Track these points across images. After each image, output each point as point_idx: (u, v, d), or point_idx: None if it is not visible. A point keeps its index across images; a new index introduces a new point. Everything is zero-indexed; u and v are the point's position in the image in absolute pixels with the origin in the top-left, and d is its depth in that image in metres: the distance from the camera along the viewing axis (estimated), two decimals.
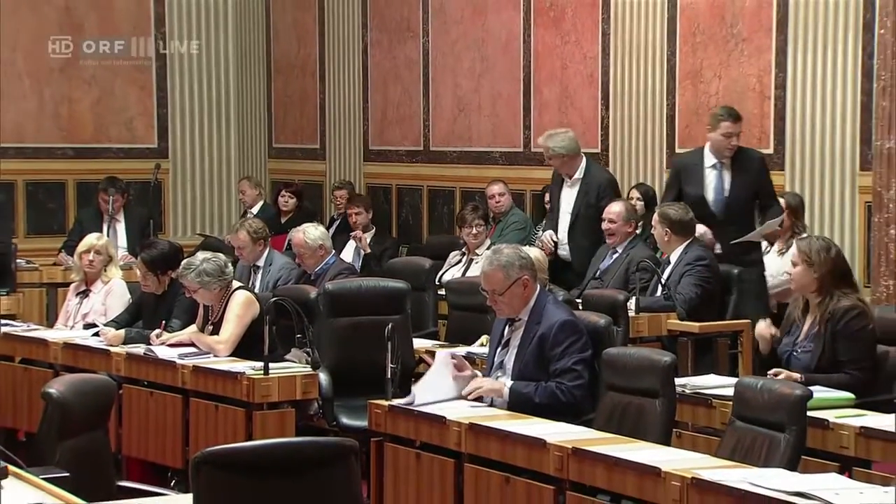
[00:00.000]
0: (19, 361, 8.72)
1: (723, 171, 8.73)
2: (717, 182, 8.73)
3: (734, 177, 8.74)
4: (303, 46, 14.47)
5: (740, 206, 8.75)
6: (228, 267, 8.03)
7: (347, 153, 13.91)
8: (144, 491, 5.33)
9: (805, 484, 4.78)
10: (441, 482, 6.05)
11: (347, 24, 13.88)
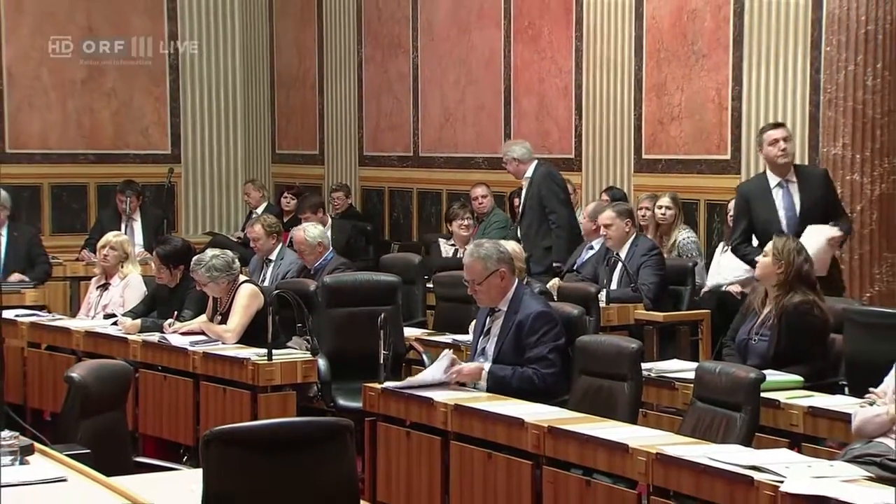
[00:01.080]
0: (45, 348, 8.71)
1: (790, 189, 7.94)
2: (787, 200, 7.93)
3: (801, 192, 7.88)
4: (303, 61, 14.45)
5: (813, 221, 7.84)
6: (235, 262, 8.03)
7: (344, 158, 13.91)
8: (159, 466, 5.35)
9: (759, 458, 4.79)
10: (429, 458, 6.05)
11: (344, 41, 13.87)
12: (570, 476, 5.37)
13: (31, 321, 8.89)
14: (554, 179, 10.10)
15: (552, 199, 9.97)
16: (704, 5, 10.28)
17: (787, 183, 7.84)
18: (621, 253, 8.77)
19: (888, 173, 8.73)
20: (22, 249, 10.87)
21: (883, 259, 8.73)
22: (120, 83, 14.24)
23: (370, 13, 13.55)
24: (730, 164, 10.11)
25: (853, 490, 4.40)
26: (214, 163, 14.85)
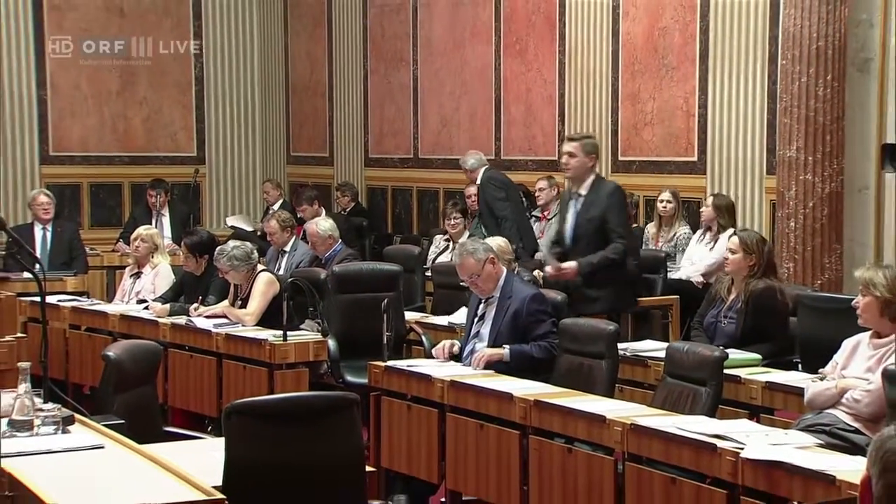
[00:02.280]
0: (84, 329, 8.72)
1: (577, 202, 7.55)
2: (573, 212, 7.56)
3: (582, 207, 7.49)
4: (314, 73, 14.44)
5: (586, 237, 7.45)
6: (254, 253, 8.04)
7: (351, 160, 13.89)
8: (185, 435, 5.35)
9: (722, 428, 4.81)
10: (427, 428, 6.06)
11: (351, 55, 13.86)
12: (553, 444, 5.39)
13: (72, 306, 8.90)
14: (492, 181, 10.24)
15: (492, 197, 10.11)
16: (674, 23, 10.29)
17: (577, 196, 7.56)
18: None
19: (837, 174, 8.73)
20: (64, 244, 10.89)
21: (832, 250, 8.74)
22: (151, 93, 14.24)
23: (374, 30, 13.54)
24: (696, 165, 10.13)
25: (806, 456, 4.41)
26: (235, 164, 14.84)
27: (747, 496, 4.43)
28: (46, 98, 13.65)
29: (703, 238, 9.35)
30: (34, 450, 4.16)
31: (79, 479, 3.89)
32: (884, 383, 4.90)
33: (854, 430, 5.04)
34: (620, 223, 7.52)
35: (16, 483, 3.85)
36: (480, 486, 5.82)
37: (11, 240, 8.32)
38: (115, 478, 3.94)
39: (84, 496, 3.62)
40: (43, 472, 3.88)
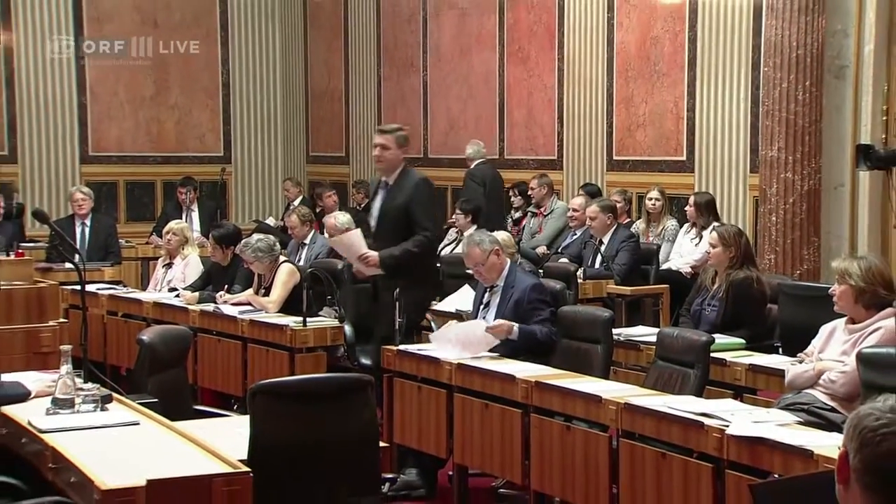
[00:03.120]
0: (121, 315, 8.73)
1: (384, 192, 7.06)
2: (380, 201, 7.09)
3: (387, 196, 7.01)
4: (332, 79, 14.45)
5: (387, 226, 6.97)
6: (277, 245, 8.05)
7: (365, 160, 13.89)
8: (213, 413, 5.35)
9: (708, 407, 4.80)
10: (436, 407, 6.06)
11: (365, 62, 13.86)
12: (553, 422, 5.38)
13: (109, 293, 8.91)
14: (474, 177, 10.73)
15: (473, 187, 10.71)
16: (664, 33, 10.28)
17: (386, 186, 7.05)
18: (604, 238, 8.78)
19: (815, 172, 8.74)
20: (101, 238, 10.90)
21: (810, 243, 8.75)
22: (181, 98, 14.26)
23: (387, 39, 13.55)
24: (685, 164, 10.13)
25: (786, 432, 4.41)
26: (258, 163, 14.86)
27: (732, 469, 4.43)
28: (86, 103, 13.68)
29: (689, 232, 9.35)
30: (75, 426, 4.17)
31: (116, 452, 3.90)
32: (858, 365, 4.90)
33: (830, 409, 5.04)
34: (426, 216, 6.98)
35: (59, 456, 3.87)
36: (485, 460, 5.82)
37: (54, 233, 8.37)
38: (149, 452, 3.95)
39: (120, 468, 3.63)
40: (83, 446, 3.90)
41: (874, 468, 2.16)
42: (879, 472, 2.16)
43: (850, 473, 2.19)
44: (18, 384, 4.60)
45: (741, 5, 9.60)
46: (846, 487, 2.21)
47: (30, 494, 3.90)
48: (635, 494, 4.88)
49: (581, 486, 5.23)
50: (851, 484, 2.20)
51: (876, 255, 6.12)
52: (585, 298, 8.14)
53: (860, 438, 2.18)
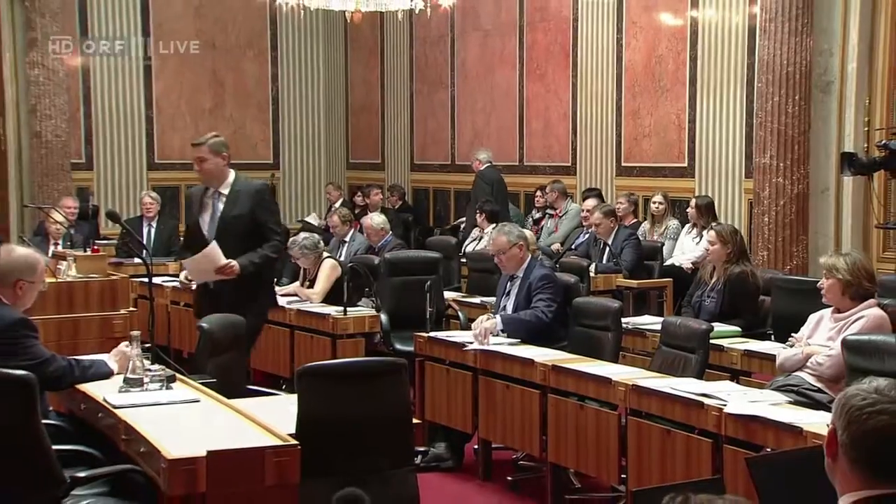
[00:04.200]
0: (183, 305, 8.75)
1: (218, 200, 6.18)
2: (213, 209, 6.18)
3: (226, 205, 6.18)
4: (369, 94, 14.47)
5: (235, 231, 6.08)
6: (320, 243, 8.08)
7: (399, 166, 13.92)
8: (264, 392, 5.36)
9: (708, 388, 4.79)
10: (463, 388, 6.07)
11: (400, 79, 13.87)
12: (568, 402, 5.38)
13: (172, 285, 8.94)
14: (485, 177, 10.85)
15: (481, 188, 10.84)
16: (667, 52, 10.25)
17: (218, 195, 6.17)
18: (609, 239, 8.77)
19: (803, 177, 8.72)
20: (165, 236, 10.95)
21: (799, 241, 8.73)
22: (236, 112, 14.31)
23: (419, 58, 13.55)
24: (686, 170, 10.10)
25: (778, 411, 4.40)
26: (304, 169, 14.88)
27: (729, 444, 4.42)
28: (153, 116, 13.74)
29: (691, 232, 9.32)
30: (144, 402, 4.19)
31: (179, 426, 3.92)
32: (843, 350, 4.88)
33: (817, 390, 5.02)
34: (275, 221, 6.32)
35: (130, 429, 3.88)
36: (507, 435, 5.83)
37: (125, 231, 8.41)
38: (209, 426, 3.97)
39: (184, 440, 3.65)
40: (151, 421, 3.91)
41: (860, 444, 2.16)
42: (865, 447, 2.16)
43: (839, 448, 2.19)
44: (103, 363, 4.63)
45: (737, 27, 9.57)
46: (834, 461, 2.21)
47: (105, 463, 3.93)
48: (642, 466, 4.88)
49: (593, 459, 5.23)
50: (839, 458, 2.19)
51: (859, 252, 6.10)
52: (597, 291, 8.12)
53: (848, 416, 2.18)
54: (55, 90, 12.23)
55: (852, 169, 7.62)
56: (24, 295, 4.47)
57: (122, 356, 4.57)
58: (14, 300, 4.43)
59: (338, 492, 3.53)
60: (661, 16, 10.32)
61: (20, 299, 4.46)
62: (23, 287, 4.45)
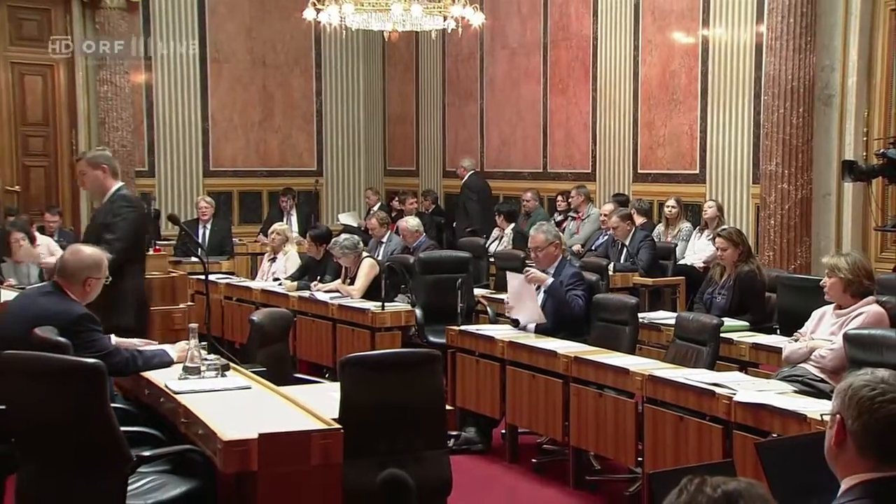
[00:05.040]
0: (235, 300, 8.79)
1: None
2: None
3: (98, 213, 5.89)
4: (405, 106, 14.47)
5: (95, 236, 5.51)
6: (360, 243, 8.09)
7: (433, 172, 13.90)
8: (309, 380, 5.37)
9: (718, 378, 4.77)
10: (491, 378, 6.07)
11: (433, 92, 13.87)
12: (588, 390, 5.37)
13: (226, 282, 9.02)
14: (470, 186, 11.09)
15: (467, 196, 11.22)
16: (680, 68, 10.20)
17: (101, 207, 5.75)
18: (626, 241, 8.75)
19: (806, 183, 8.67)
20: (219, 237, 11.02)
21: (802, 242, 8.67)
22: (284, 123, 14.35)
23: (451, 73, 13.54)
24: (698, 176, 10.04)
25: (784, 399, 4.38)
26: (345, 175, 14.90)
27: (738, 430, 4.39)
28: (209, 127, 13.82)
29: (701, 235, 9.27)
30: (201, 389, 4.22)
31: (233, 410, 3.94)
32: (844, 344, 4.85)
33: (820, 380, 4.99)
34: (122, 234, 5.50)
35: (189, 413, 3.91)
36: (532, 421, 5.82)
37: (183, 233, 8.49)
38: (260, 410, 3.98)
39: (237, 423, 3.67)
40: (207, 405, 3.94)
41: (872, 431, 2.14)
42: (876, 434, 2.13)
43: (847, 437, 2.16)
44: (164, 353, 4.66)
45: (745, 45, 9.51)
46: (840, 448, 2.18)
47: (167, 443, 3.96)
48: (657, 450, 4.86)
49: (612, 443, 5.22)
50: (846, 445, 2.17)
51: (859, 252, 6.05)
52: (615, 288, 8.11)
53: (858, 407, 2.15)
54: (122, 105, 12.51)
55: (852, 176, 7.57)
56: (91, 291, 4.53)
57: (182, 349, 4.61)
58: (82, 296, 4.49)
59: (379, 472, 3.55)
60: (675, 34, 10.27)
61: (87, 295, 4.52)
62: (91, 284, 4.51)
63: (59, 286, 4.49)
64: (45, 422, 3.67)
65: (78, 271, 4.48)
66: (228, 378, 4.43)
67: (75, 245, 4.70)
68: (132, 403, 4.57)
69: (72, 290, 4.47)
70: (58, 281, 4.51)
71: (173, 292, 6.69)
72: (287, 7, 13.73)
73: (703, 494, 1.48)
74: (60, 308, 4.37)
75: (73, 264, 4.50)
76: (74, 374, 3.61)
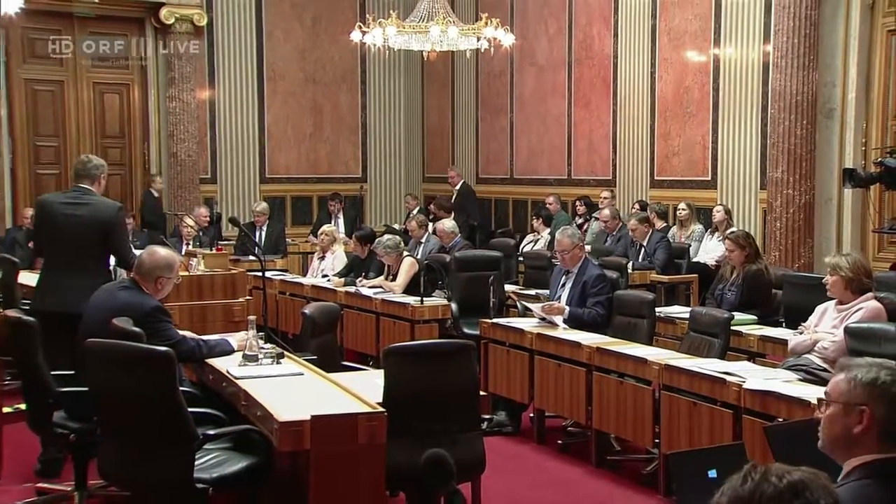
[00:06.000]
0: (288, 294, 8.83)
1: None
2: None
3: None
4: (442, 120, 14.49)
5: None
6: (401, 243, 8.11)
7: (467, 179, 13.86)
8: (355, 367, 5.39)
9: (729, 367, 4.75)
10: (520, 366, 6.07)
11: (467, 107, 13.87)
12: (610, 378, 5.36)
13: (280, 278, 9.05)
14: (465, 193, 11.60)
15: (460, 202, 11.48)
16: (693, 84, 10.13)
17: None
18: (643, 241, 8.71)
19: (809, 189, 8.59)
20: (274, 238, 11.08)
21: (806, 243, 8.59)
22: (332, 135, 14.40)
23: (484, 89, 13.54)
24: (709, 182, 9.96)
25: (790, 386, 4.35)
26: (387, 182, 14.93)
27: (748, 415, 4.37)
28: (265, 139, 13.91)
29: (712, 236, 9.21)
30: (259, 374, 4.24)
31: (287, 394, 3.96)
32: (845, 337, 4.81)
33: (823, 370, 4.94)
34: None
35: (248, 396, 3.94)
36: (558, 406, 5.81)
37: (242, 234, 8.54)
38: (311, 394, 4.00)
39: (291, 406, 3.69)
40: (264, 390, 3.97)
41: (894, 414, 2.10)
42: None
43: (872, 425, 2.12)
44: (226, 342, 4.70)
45: (753, 62, 9.43)
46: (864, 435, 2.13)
47: (229, 424, 3.99)
48: (672, 433, 4.84)
49: (630, 427, 5.20)
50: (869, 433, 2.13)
51: (858, 253, 5.99)
52: (634, 284, 8.06)
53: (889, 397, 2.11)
54: (188, 119, 12.70)
55: (852, 182, 7.50)
56: (162, 288, 4.58)
57: (242, 339, 4.65)
58: (155, 292, 4.55)
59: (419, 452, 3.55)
60: (688, 53, 10.20)
61: (159, 292, 4.57)
62: (162, 282, 4.57)
63: (135, 282, 4.56)
64: (122, 403, 3.72)
65: (152, 270, 4.54)
66: (283, 365, 4.45)
67: (152, 247, 4.77)
68: (198, 387, 4.62)
69: (146, 286, 4.53)
70: (135, 277, 4.58)
71: (233, 287, 6.73)
72: (336, 30, 13.81)
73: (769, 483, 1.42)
74: (135, 301, 4.43)
75: (148, 264, 4.56)
76: (147, 361, 3.66)
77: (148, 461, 3.66)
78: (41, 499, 4.80)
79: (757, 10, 9.35)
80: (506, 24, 10.60)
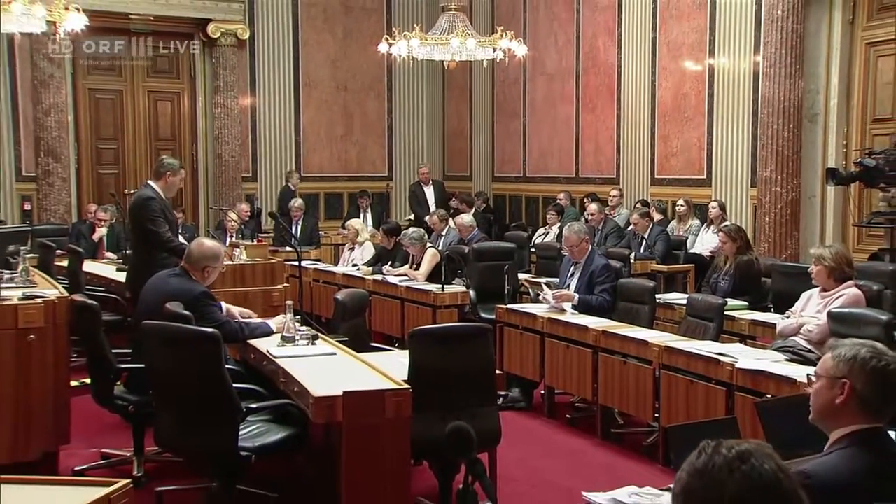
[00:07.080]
0: (322, 282, 8.84)
1: None
2: None
3: None
4: (460, 123, 14.45)
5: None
6: (425, 235, 8.11)
7: (484, 177, 13.87)
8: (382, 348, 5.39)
9: (723, 349, 4.74)
10: (533, 348, 6.06)
11: (484, 111, 13.83)
12: (614, 359, 5.34)
13: (314, 267, 9.06)
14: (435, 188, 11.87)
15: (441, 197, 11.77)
16: (691, 91, 10.07)
17: None
18: (645, 234, 8.68)
19: (796, 187, 8.54)
20: (308, 230, 11.09)
21: (792, 236, 8.54)
22: (361, 137, 14.40)
23: (499, 96, 13.49)
24: (705, 180, 9.90)
25: (778, 366, 4.33)
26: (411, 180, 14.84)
27: (739, 392, 4.35)
28: (300, 140, 13.94)
29: (708, 229, 9.16)
30: (295, 354, 4.25)
31: (322, 372, 3.97)
32: (829, 321, 4.78)
33: (808, 351, 4.92)
34: None
35: (286, 373, 3.96)
36: (567, 384, 5.80)
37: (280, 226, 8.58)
38: (343, 372, 4.00)
39: (325, 382, 3.71)
40: (301, 368, 3.98)
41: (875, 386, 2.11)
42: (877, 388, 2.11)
43: (852, 398, 2.13)
44: (266, 325, 4.72)
45: (744, 71, 9.37)
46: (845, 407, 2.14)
47: (269, 398, 4.01)
48: (671, 408, 4.82)
49: (633, 402, 5.19)
50: (849, 405, 2.14)
51: (840, 244, 5.95)
52: (636, 273, 8.04)
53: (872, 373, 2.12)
54: (232, 123, 12.86)
55: (834, 181, 7.45)
56: (209, 276, 4.61)
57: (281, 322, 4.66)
58: (202, 279, 4.58)
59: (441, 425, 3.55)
60: (686, 63, 10.13)
61: (206, 279, 4.60)
62: (208, 271, 4.59)
63: (185, 269, 4.58)
64: (173, 379, 3.75)
65: (200, 259, 4.57)
66: (318, 346, 4.46)
67: (200, 238, 4.80)
68: (241, 365, 4.64)
69: (194, 273, 4.56)
70: (184, 265, 4.60)
71: (272, 275, 6.76)
72: (364, 42, 13.80)
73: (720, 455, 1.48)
74: (185, 287, 4.46)
75: (196, 254, 4.59)
76: (196, 341, 3.68)
77: (197, 431, 3.69)
78: (104, 462, 4.85)
79: (748, 23, 9.29)
80: (519, 37, 10.56)
